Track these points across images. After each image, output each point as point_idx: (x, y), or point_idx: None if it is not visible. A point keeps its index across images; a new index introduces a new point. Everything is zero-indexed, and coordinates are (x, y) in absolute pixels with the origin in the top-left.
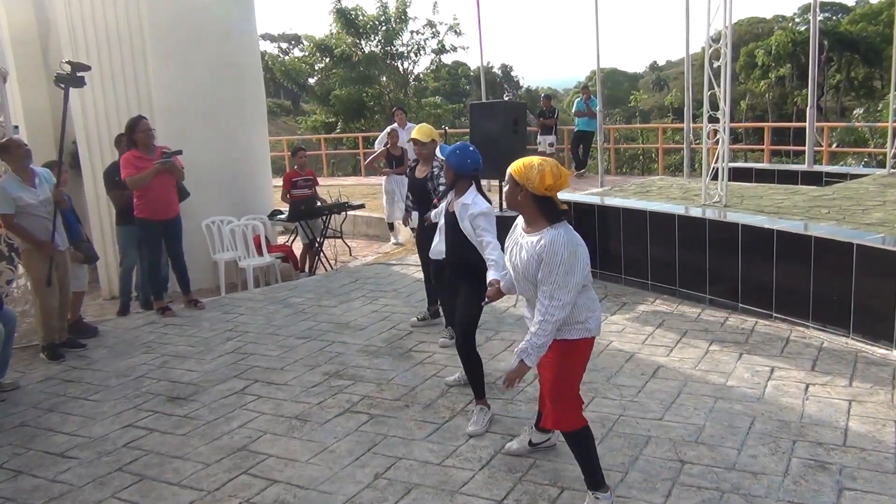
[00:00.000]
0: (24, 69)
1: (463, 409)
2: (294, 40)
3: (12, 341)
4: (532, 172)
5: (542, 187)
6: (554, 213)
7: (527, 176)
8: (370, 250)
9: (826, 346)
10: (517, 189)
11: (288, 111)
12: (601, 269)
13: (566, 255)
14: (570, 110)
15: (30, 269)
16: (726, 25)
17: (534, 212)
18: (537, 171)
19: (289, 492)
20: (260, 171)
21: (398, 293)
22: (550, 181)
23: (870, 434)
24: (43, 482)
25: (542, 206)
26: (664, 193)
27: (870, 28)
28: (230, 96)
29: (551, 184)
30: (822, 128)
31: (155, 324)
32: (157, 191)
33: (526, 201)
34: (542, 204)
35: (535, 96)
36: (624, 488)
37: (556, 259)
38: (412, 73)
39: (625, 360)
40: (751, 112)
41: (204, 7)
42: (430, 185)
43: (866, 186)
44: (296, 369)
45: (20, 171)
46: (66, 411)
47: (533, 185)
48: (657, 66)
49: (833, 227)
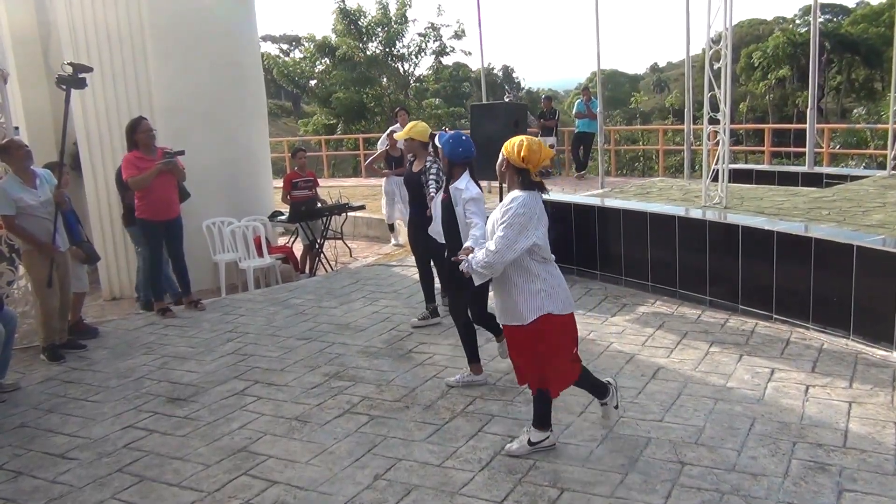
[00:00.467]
0: (24, 70)
1: (463, 410)
2: (295, 41)
3: (13, 342)
4: (513, 146)
5: (518, 158)
6: (528, 182)
7: (510, 150)
8: (370, 251)
9: (826, 348)
10: (503, 161)
11: (289, 112)
12: (601, 271)
13: (521, 211)
14: (571, 112)
15: (30, 270)
16: (726, 27)
17: (511, 180)
18: (517, 146)
19: (289, 493)
20: (260, 173)
21: (398, 294)
22: (525, 153)
23: (870, 435)
24: (43, 483)
25: (519, 176)
26: (664, 195)
27: (871, 30)
28: (231, 97)
29: (525, 156)
30: (822, 129)
31: (155, 325)
32: (159, 191)
33: (507, 171)
34: (519, 174)
35: (535, 98)
36: (624, 490)
37: (510, 211)
38: (413, 75)
39: (625, 361)
40: (751, 114)
41: (205, 8)
42: (423, 179)
43: (866, 188)
44: (296, 370)
45: (21, 173)
46: (66, 412)
47: (513, 157)
48: (658, 68)
49: (833, 229)
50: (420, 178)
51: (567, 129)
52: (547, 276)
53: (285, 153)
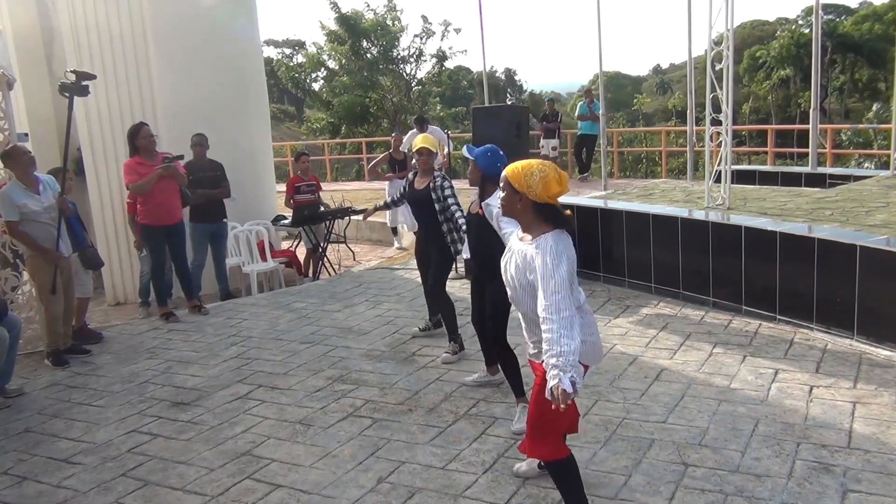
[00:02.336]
0: (28, 76)
1: (466, 412)
2: (298, 46)
3: (17, 347)
4: (533, 180)
5: (546, 195)
6: (557, 219)
7: (527, 183)
8: (374, 255)
9: (830, 348)
10: (516, 197)
11: (292, 117)
12: (605, 273)
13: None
14: (574, 114)
15: (34, 276)
16: (728, 28)
17: (533, 219)
18: (540, 178)
19: (292, 496)
20: (263, 177)
21: (401, 297)
22: (556, 189)
23: (874, 436)
24: (47, 488)
25: (543, 213)
26: (667, 196)
27: (874, 29)
28: (233, 101)
29: (557, 191)
30: (825, 130)
31: (159, 329)
32: (160, 196)
33: (526, 209)
34: (543, 211)
35: (538, 100)
36: (627, 491)
37: (548, 269)
38: (414, 78)
39: (628, 363)
40: (754, 115)
41: (207, 12)
42: (435, 196)
43: (870, 188)
44: (299, 374)
45: (24, 179)
46: (70, 417)
47: (535, 192)
48: (660, 70)
49: (837, 229)
50: (429, 194)
51: (570, 132)
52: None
53: (288, 157)
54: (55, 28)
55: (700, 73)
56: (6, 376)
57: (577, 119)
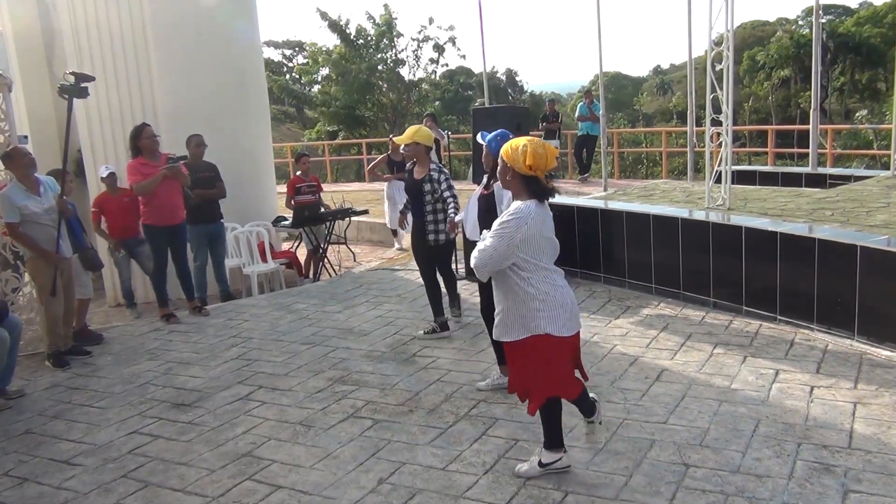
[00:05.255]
0: (28, 77)
1: (467, 413)
2: (297, 47)
3: (18, 349)
4: (517, 154)
5: (525, 167)
6: (538, 190)
7: (514, 157)
8: (374, 256)
9: (831, 349)
10: (506, 169)
11: (292, 118)
12: (605, 273)
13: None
14: (574, 115)
15: (35, 277)
16: (728, 29)
17: (520, 189)
18: (521, 153)
19: (293, 497)
20: (264, 178)
21: (402, 298)
22: (531, 161)
23: (875, 436)
24: (48, 489)
25: (527, 185)
26: (668, 197)
27: (874, 30)
28: (234, 102)
29: (532, 163)
30: (826, 130)
31: (160, 330)
32: (163, 197)
33: (514, 180)
34: (528, 182)
35: (538, 101)
36: (628, 492)
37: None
38: (413, 81)
39: (629, 363)
40: (755, 115)
41: (207, 13)
42: (429, 188)
43: (870, 188)
44: (300, 375)
45: (25, 180)
46: (71, 418)
47: (518, 165)
48: (661, 70)
49: (837, 230)
50: (423, 185)
51: (570, 132)
52: (546, 295)
53: (289, 158)
54: (55, 29)
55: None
56: (7, 378)
57: (577, 120)
